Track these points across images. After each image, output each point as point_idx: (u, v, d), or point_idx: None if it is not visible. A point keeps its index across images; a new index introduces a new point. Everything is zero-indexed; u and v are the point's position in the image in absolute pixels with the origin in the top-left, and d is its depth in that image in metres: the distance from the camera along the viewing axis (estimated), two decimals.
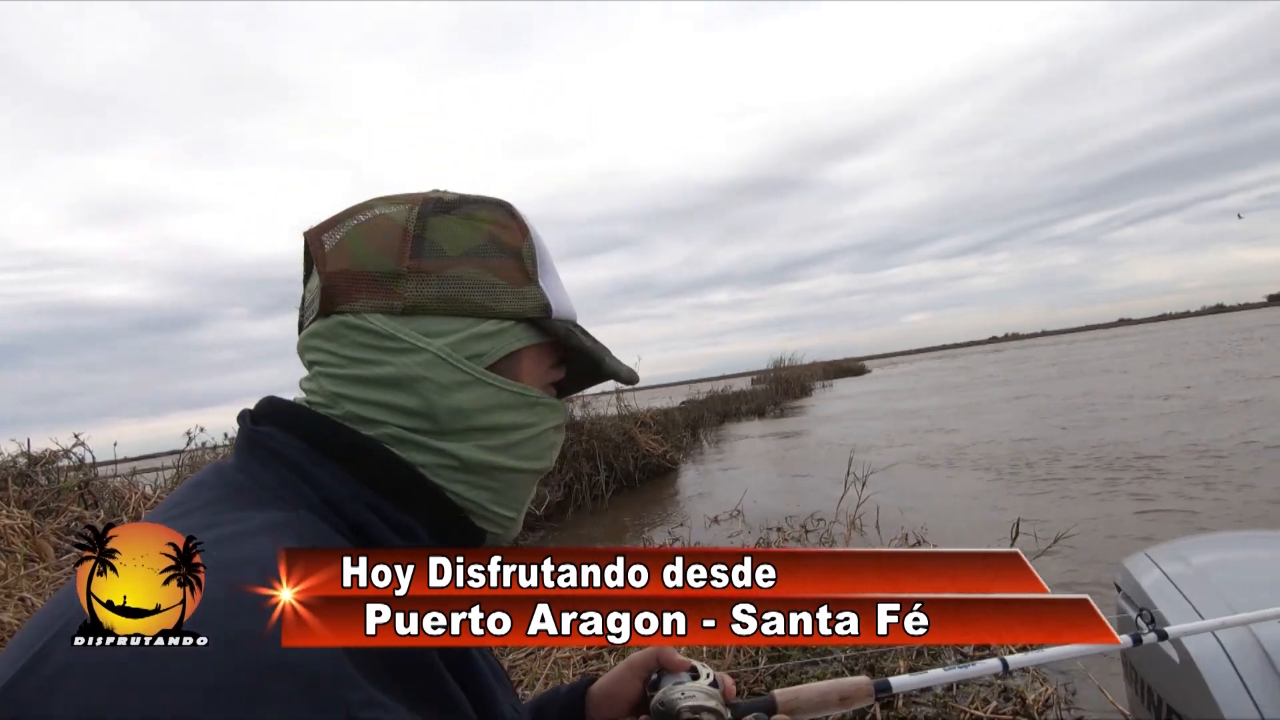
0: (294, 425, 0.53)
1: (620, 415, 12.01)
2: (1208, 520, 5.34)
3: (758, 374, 33.85)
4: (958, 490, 7.82)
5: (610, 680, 0.79)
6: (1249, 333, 33.63)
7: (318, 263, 0.55)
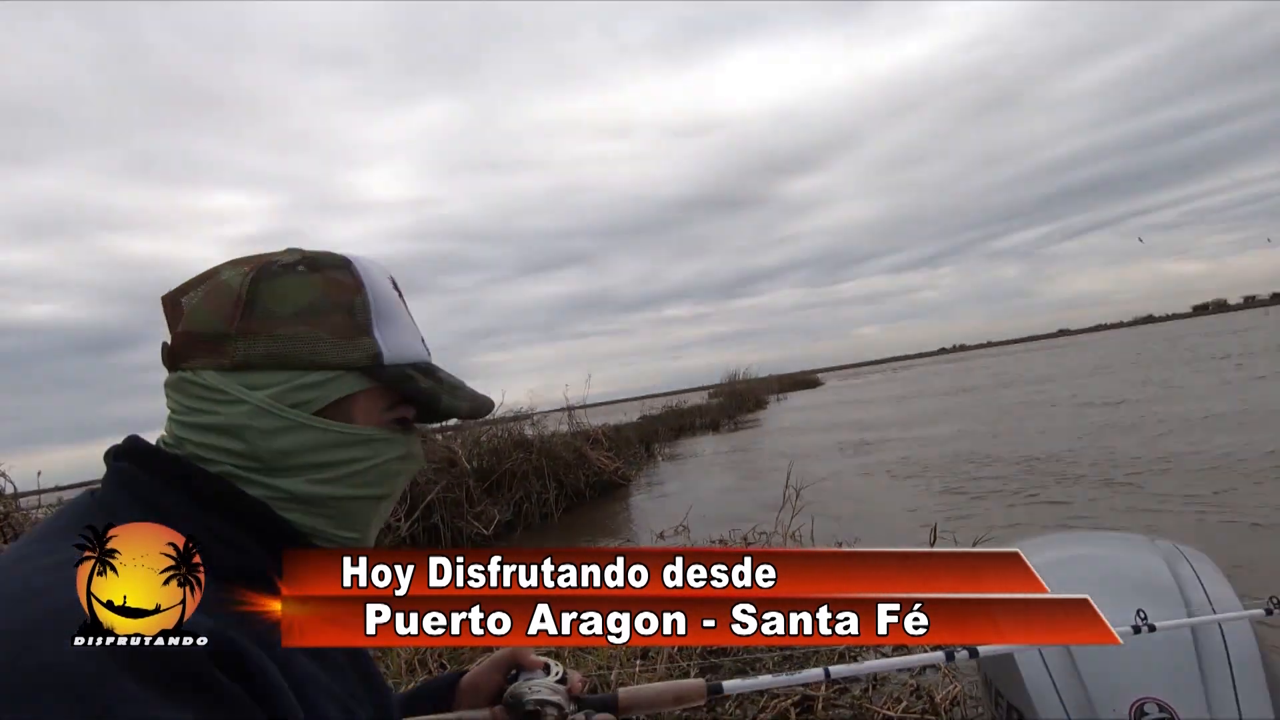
0: (145, 462, 0.62)
1: (572, 433, 12.04)
2: (1112, 520, 5.69)
3: (714, 388, 34.19)
4: (892, 498, 8.10)
5: (477, 674, 0.88)
6: (1175, 341, 35.54)
7: (169, 324, 0.65)
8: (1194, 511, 5.65)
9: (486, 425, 10.59)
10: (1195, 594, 1.33)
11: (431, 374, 0.71)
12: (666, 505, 9.75)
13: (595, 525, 9.29)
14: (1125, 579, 1.47)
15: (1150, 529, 5.34)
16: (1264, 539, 4.80)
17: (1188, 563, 1.46)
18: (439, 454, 8.43)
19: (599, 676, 3.38)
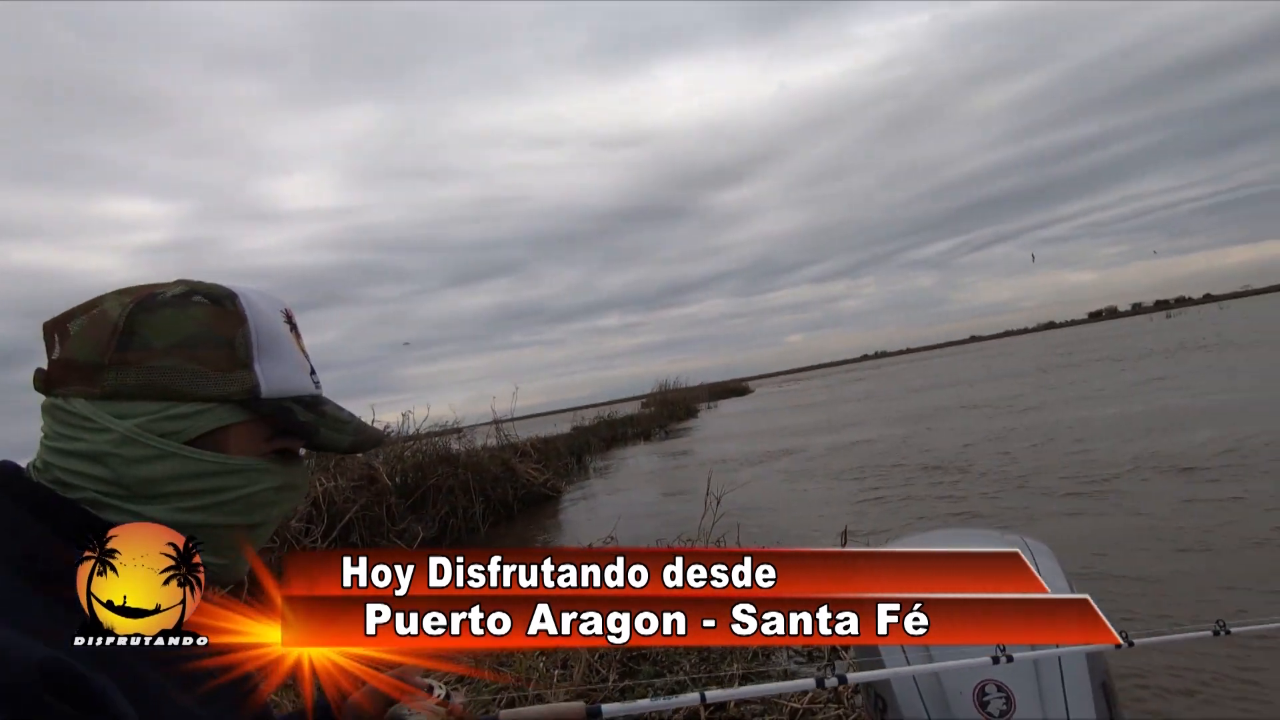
0: (7, 487, 0.62)
1: (500, 446, 11.90)
2: (995, 514, 6.09)
3: (646, 397, 34.43)
4: (812, 499, 8.38)
5: (360, 695, 0.87)
6: (1074, 347, 38.17)
7: (48, 351, 0.65)
8: (1065, 505, 6.11)
9: (410, 441, 10.34)
10: None
11: (314, 407, 0.73)
12: (596, 516, 9.76)
13: (524, 538, 9.20)
14: None
15: (1026, 521, 5.76)
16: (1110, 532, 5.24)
17: (1030, 554, 1.58)
18: (358, 471, 8.17)
19: (516, 688, 3.37)
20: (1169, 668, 3.10)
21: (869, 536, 5.45)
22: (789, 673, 3.49)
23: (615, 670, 3.65)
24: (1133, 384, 14.62)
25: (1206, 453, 6.99)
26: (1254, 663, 3.02)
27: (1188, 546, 4.59)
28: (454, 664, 3.26)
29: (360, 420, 0.79)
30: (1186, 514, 5.27)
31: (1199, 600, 3.78)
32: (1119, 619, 3.08)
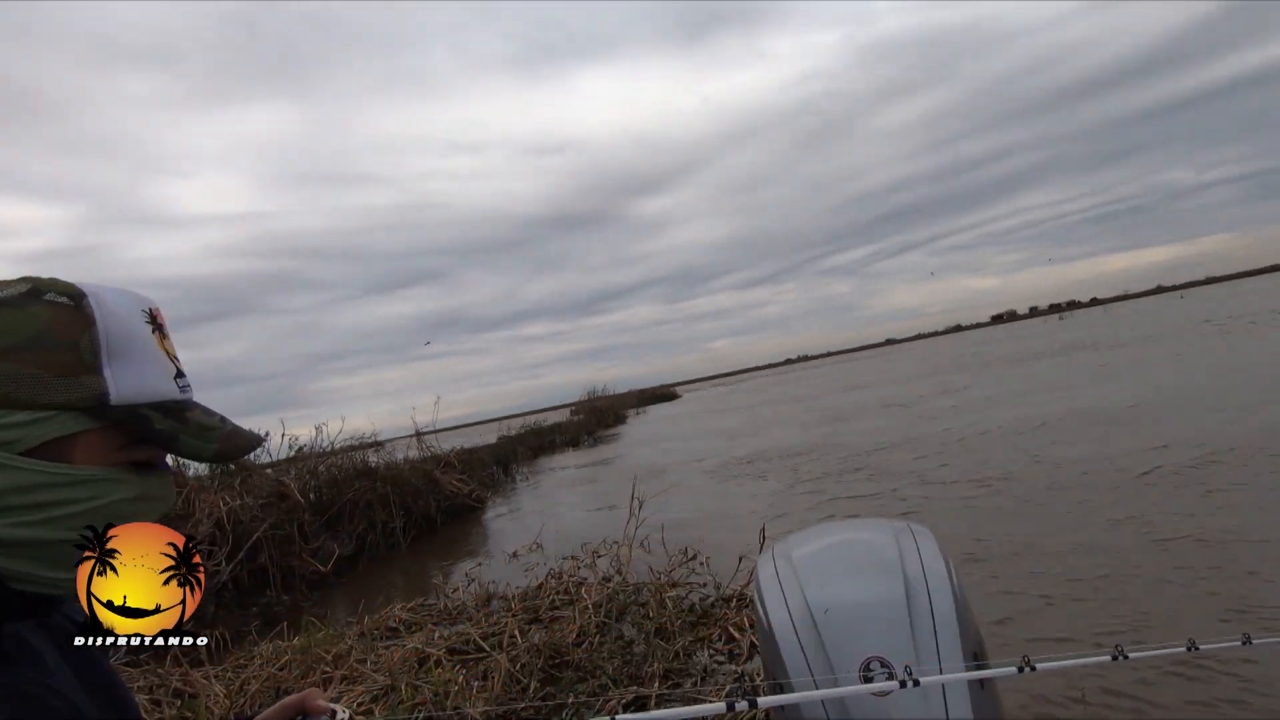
0: None
1: (422, 458, 11.58)
2: (895, 505, 6.43)
3: (574, 405, 34.29)
4: (734, 500, 8.56)
5: (264, 715, 0.87)
6: (980, 348, 40.55)
7: None
8: (963, 498, 6.50)
9: (325, 455, 9.92)
10: (912, 564, 1.55)
11: (176, 413, 0.69)
12: (522, 525, 9.64)
13: (447, 551, 8.98)
14: (864, 558, 1.68)
15: (925, 508, 6.09)
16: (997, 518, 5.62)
17: (913, 539, 1.69)
18: (267, 488, 7.77)
19: (435, 702, 3.29)
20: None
21: (788, 532, 5.62)
22: (709, 670, 3.54)
23: (536, 678, 3.62)
24: (1028, 387, 15.70)
25: (1100, 452, 7.58)
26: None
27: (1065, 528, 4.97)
28: (372, 679, 3.13)
29: (234, 427, 0.76)
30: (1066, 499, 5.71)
31: (1071, 585, 4.09)
32: (1022, 639, 3.28)
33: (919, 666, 1.36)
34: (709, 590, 4.79)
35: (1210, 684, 2.74)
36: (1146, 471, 6.07)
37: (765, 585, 1.74)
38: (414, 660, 4.16)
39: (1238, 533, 4.27)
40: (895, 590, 1.49)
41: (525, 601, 5.18)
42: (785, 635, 1.53)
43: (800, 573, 1.68)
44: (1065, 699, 2.82)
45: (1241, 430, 6.84)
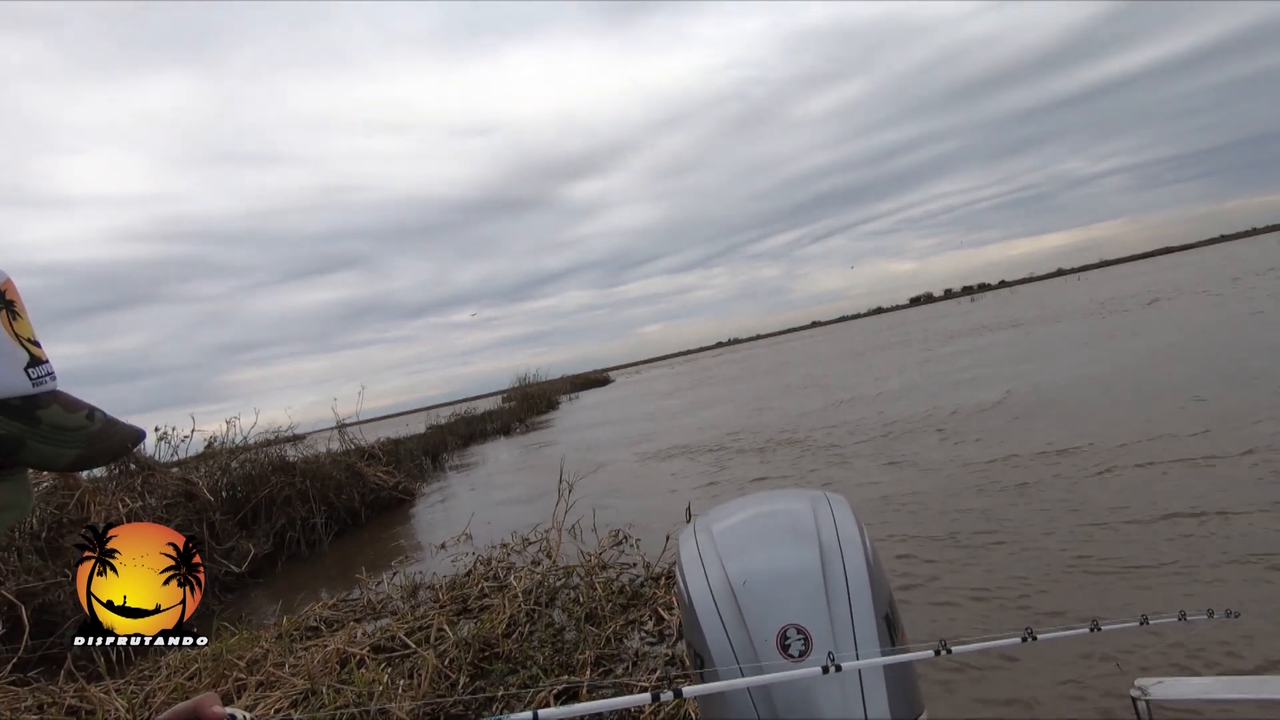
0: None
1: (344, 450, 11.14)
2: (812, 475, 6.65)
3: (506, 392, 33.78)
4: (662, 479, 8.64)
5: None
6: (901, 329, 42.29)
7: None
8: (874, 464, 6.79)
9: (237, 451, 9.40)
10: (827, 531, 1.56)
11: (24, 413, 0.59)
12: (452, 516, 9.43)
13: (373, 546, 8.68)
14: (781, 528, 1.68)
15: (844, 484, 6.32)
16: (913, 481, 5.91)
17: (828, 506, 1.70)
18: (172, 488, 7.29)
19: (358, 704, 3.17)
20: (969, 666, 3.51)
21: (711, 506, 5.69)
22: (641, 654, 3.54)
23: (465, 673, 3.54)
24: (945, 366, 16.49)
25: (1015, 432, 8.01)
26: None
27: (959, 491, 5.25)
28: (290, 683, 2.96)
29: (106, 424, 0.66)
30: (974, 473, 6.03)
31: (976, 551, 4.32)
32: (935, 622, 3.43)
33: (834, 631, 1.37)
34: (639, 571, 4.81)
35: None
36: (1063, 450, 6.47)
37: (686, 560, 1.72)
38: (336, 661, 4.00)
39: (1123, 514, 4.61)
40: (811, 558, 1.50)
41: (453, 591, 5.06)
42: (705, 608, 1.52)
43: (720, 545, 1.67)
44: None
45: (1134, 413, 7.39)
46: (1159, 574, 3.40)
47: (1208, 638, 2.75)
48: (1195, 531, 3.78)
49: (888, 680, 1.34)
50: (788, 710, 1.34)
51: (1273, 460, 4.59)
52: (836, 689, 1.34)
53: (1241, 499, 4.06)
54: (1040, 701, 2.60)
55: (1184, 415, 6.24)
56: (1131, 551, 3.70)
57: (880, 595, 1.46)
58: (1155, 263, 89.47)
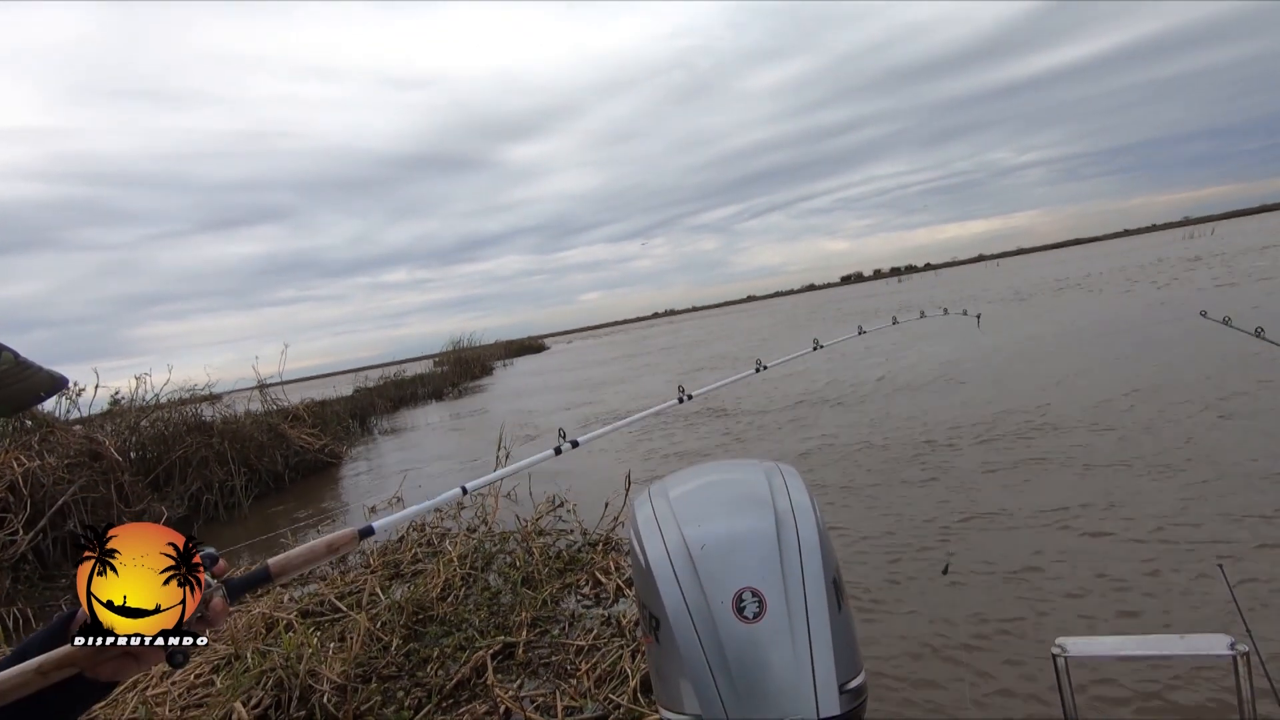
0: None
1: (265, 411, 10.67)
2: (760, 444, 6.85)
3: (438, 356, 32.97)
4: (601, 449, 8.69)
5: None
6: (835, 305, 43.48)
7: None
8: (818, 435, 7.04)
9: (148, 410, 8.85)
10: (781, 500, 1.60)
11: None
12: (382, 480, 9.22)
13: (298, 509, 8.40)
14: (737, 495, 1.71)
15: (785, 453, 6.53)
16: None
17: (782, 477, 1.74)
18: (74, 446, 6.81)
19: (285, 668, 3.08)
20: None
21: (652, 476, 5.78)
22: (577, 615, 3.58)
23: (399, 635, 3.49)
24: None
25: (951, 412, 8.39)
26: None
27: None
28: (210, 649, 2.85)
29: (17, 366, 0.60)
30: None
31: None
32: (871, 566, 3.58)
33: (787, 594, 1.41)
34: (576, 537, 4.83)
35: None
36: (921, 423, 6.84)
37: (643, 524, 1.73)
38: (261, 626, 3.87)
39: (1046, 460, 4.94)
40: (767, 525, 1.54)
41: (385, 557, 4.97)
42: (663, 572, 1.54)
43: (677, 511, 1.69)
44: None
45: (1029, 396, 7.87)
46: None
47: (1108, 609, 3.01)
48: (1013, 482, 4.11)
49: (834, 641, 1.40)
50: (740, 668, 1.38)
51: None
52: (788, 648, 1.38)
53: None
54: (964, 657, 2.79)
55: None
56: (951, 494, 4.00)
57: (829, 561, 1.51)
58: (1068, 251, 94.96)
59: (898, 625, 3.10)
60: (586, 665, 2.92)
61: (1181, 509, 3.82)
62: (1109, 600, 3.04)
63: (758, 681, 1.38)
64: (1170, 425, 5.37)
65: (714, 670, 1.41)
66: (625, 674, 2.78)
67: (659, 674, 1.57)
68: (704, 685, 1.40)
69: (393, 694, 3.00)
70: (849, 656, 1.48)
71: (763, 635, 1.38)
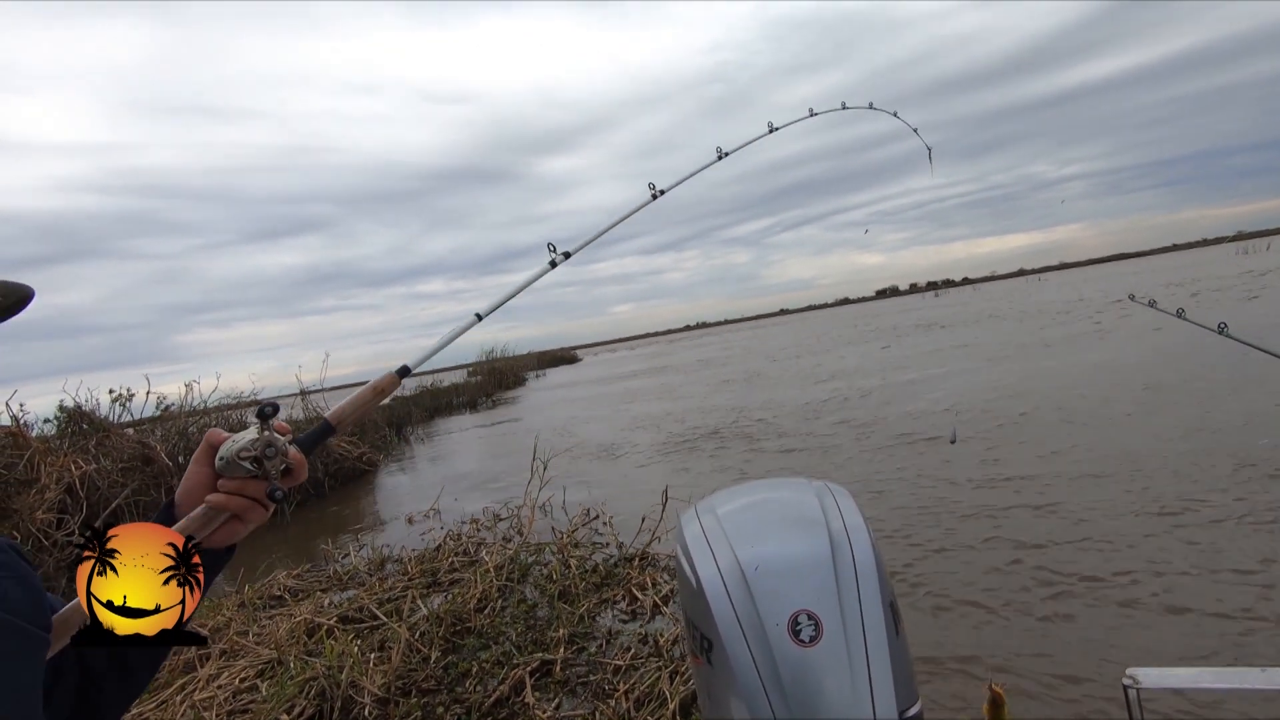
0: None
1: (307, 418, 10.91)
2: (802, 464, 6.76)
3: (472, 366, 33.37)
4: (636, 463, 8.68)
5: (187, 480, 0.78)
6: (873, 319, 42.94)
7: None
8: (860, 458, 6.92)
9: (196, 415, 9.12)
10: (835, 521, 1.57)
11: None
12: (418, 489, 9.33)
13: (337, 517, 8.55)
14: (789, 515, 1.69)
15: (824, 468, 6.43)
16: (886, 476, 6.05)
17: (833, 497, 1.71)
18: (128, 450, 7.04)
19: (328, 677, 3.12)
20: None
21: (690, 493, 5.73)
22: (614, 632, 3.55)
23: (438, 647, 3.51)
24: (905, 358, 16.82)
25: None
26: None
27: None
28: (255, 652, 2.90)
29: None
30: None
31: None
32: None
33: (844, 618, 1.39)
34: (612, 551, 4.82)
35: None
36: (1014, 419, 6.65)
37: (692, 541, 1.72)
38: (303, 631, 3.94)
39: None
40: (822, 546, 1.51)
41: (422, 565, 5.02)
42: (715, 591, 1.52)
43: (727, 529, 1.67)
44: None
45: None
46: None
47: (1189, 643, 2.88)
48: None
49: (893, 667, 1.36)
50: (795, 693, 1.35)
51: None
52: (845, 675, 1.35)
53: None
54: (1033, 691, 2.69)
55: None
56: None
57: (885, 584, 1.48)
58: (1112, 267, 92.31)
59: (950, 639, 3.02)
60: (625, 686, 2.89)
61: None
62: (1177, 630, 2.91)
63: (813, 707, 1.35)
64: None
65: (769, 694, 1.38)
66: (664, 696, 2.75)
67: (710, 695, 1.54)
68: (758, 709, 1.37)
69: (432, 709, 3.01)
70: (906, 684, 1.44)
71: (819, 660, 1.36)
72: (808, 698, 1.34)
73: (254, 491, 0.73)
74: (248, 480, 0.72)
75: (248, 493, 0.72)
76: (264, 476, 0.73)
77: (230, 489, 0.72)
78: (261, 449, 0.72)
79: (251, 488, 0.73)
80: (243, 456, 0.72)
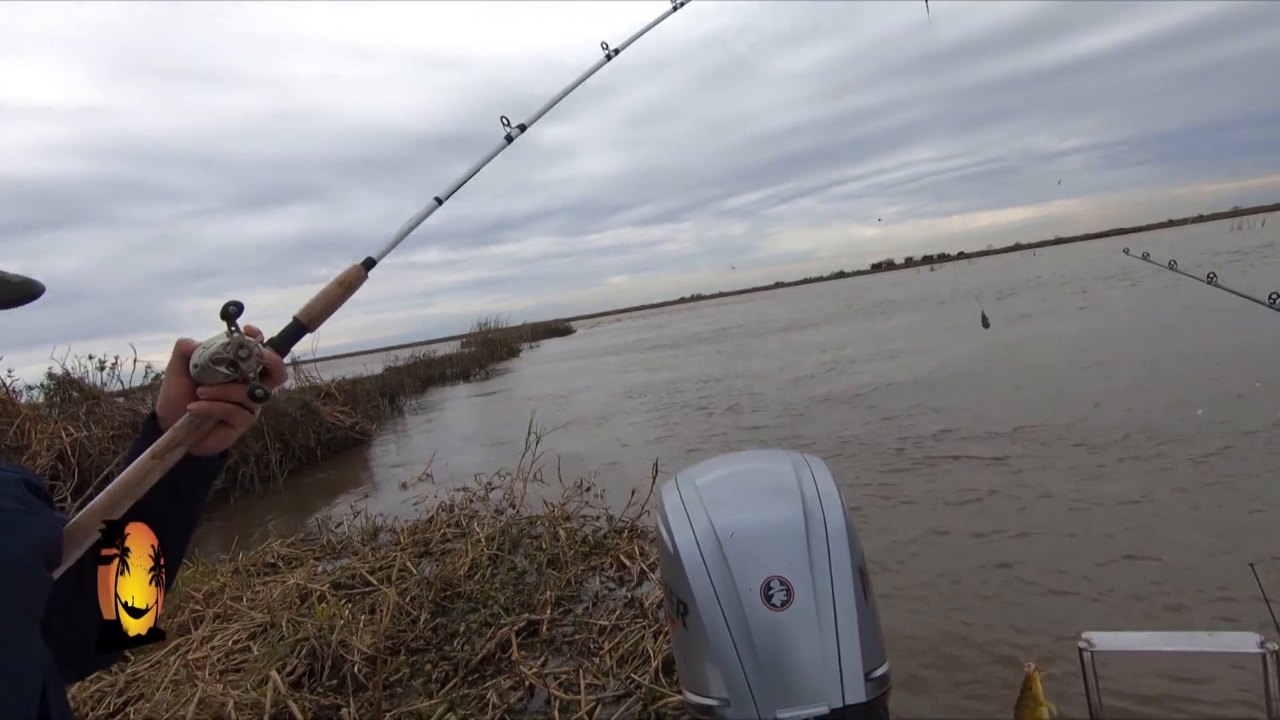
0: None
1: (300, 388, 10.92)
2: (780, 435, 6.83)
3: (466, 337, 33.33)
4: (625, 433, 8.75)
5: (165, 393, 0.77)
6: (869, 292, 42.93)
7: None
8: (839, 426, 7.00)
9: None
10: (809, 490, 1.61)
11: None
12: (411, 458, 9.39)
13: (330, 485, 8.61)
14: (766, 485, 1.73)
15: (801, 440, 6.51)
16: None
17: (808, 467, 1.76)
18: (119, 418, 7.05)
19: (319, 638, 3.19)
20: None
21: (677, 462, 5.81)
22: (600, 596, 3.63)
23: (427, 609, 3.58)
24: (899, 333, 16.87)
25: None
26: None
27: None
28: (248, 616, 2.95)
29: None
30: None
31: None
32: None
33: (814, 583, 1.43)
34: (602, 523, 4.89)
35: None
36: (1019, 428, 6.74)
37: (671, 511, 1.76)
38: (295, 596, 4.00)
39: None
40: (795, 514, 1.55)
41: (415, 535, 5.09)
42: (691, 558, 1.56)
43: (705, 499, 1.71)
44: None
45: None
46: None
47: (1137, 602, 2.97)
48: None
49: (860, 630, 1.41)
50: (767, 655, 1.40)
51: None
52: (814, 636, 1.40)
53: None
54: (989, 644, 2.78)
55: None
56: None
57: (856, 551, 1.52)
58: (1110, 241, 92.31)
59: (911, 614, 3.10)
60: (609, 644, 2.98)
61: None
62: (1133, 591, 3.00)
63: (784, 668, 1.41)
64: None
65: (741, 656, 1.43)
66: (648, 654, 2.83)
67: (684, 658, 1.60)
68: (731, 670, 1.43)
69: (420, 666, 3.09)
70: (874, 645, 1.50)
71: (790, 623, 1.41)
72: (778, 659, 1.40)
73: (235, 395, 0.72)
74: (227, 385, 0.72)
75: (229, 397, 0.72)
76: (242, 379, 0.72)
77: (210, 395, 0.72)
78: (234, 351, 0.71)
79: (232, 391, 0.72)
80: (216, 361, 0.71)
